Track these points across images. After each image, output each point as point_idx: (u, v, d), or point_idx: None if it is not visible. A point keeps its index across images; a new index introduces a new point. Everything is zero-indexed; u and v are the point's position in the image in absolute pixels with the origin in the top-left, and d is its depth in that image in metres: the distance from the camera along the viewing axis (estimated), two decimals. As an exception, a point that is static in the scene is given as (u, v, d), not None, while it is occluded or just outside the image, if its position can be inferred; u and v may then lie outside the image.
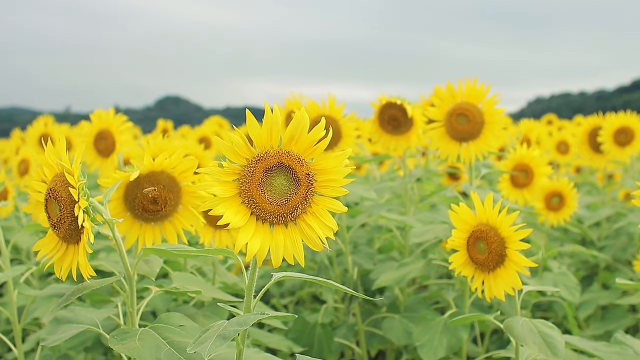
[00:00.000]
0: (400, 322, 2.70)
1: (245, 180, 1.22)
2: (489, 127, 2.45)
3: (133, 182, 1.75)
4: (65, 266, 1.48)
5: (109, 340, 1.46)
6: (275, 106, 1.20)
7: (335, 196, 1.26)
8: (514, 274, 1.81)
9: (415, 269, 2.54)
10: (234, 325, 1.26)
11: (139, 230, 1.79)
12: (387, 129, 2.94)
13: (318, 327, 2.83)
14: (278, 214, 1.23)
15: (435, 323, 2.34)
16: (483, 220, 1.85)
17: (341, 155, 1.25)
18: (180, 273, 2.19)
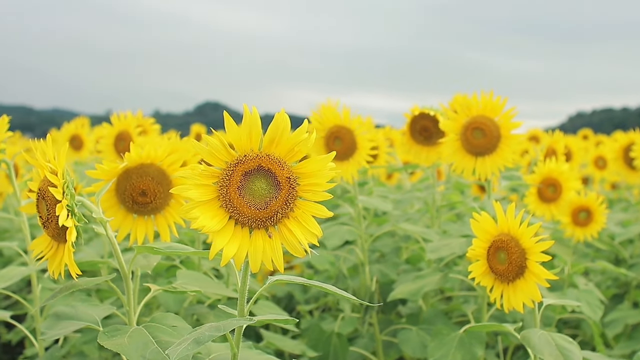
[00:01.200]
0: (417, 334, 2.64)
1: (223, 183, 1.20)
2: (505, 141, 2.38)
3: (123, 175, 1.74)
4: (55, 264, 1.48)
5: (98, 336, 1.47)
6: (254, 108, 1.17)
7: (319, 201, 1.23)
8: (534, 286, 1.76)
9: (432, 282, 2.48)
10: (212, 330, 1.24)
11: (131, 223, 1.79)
12: (419, 140, 2.91)
13: (334, 337, 2.80)
14: (257, 218, 1.21)
15: (450, 338, 2.28)
16: (504, 230, 1.81)
17: (324, 159, 1.21)
18: (186, 271, 2.20)
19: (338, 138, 2.73)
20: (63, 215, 1.37)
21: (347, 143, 2.73)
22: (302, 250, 1.23)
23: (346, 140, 2.73)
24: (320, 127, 2.75)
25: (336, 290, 1.39)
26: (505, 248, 1.78)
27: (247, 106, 1.17)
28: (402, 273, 2.98)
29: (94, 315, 1.70)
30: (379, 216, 3.55)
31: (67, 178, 1.42)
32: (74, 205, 1.42)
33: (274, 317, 1.46)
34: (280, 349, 2.57)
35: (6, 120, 2.03)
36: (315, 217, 1.24)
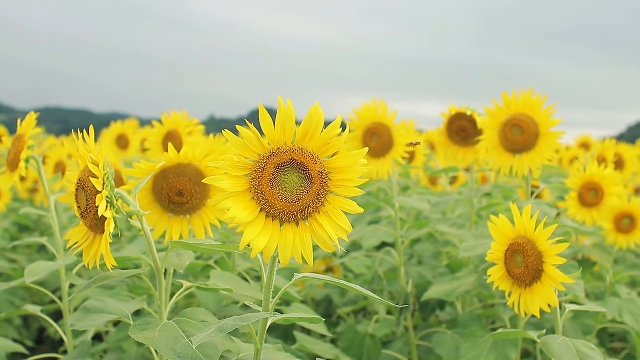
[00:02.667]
0: (452, 338, 2.62)
1: (256, 175, 1.20)
2: (544, 139, 2.35)
3: (160, 174, 1.75)
4: (91, 255, 1.50)
5: (130, 329, 1.48)
6: (289, 101, 1.17)
7: (350, 196, 1.22)
8: (551, 291, 1.72)
9: (467, 284, 2.46)
10: (236, 321, 1.25)
11: (167, 222, 1.79)
12: (456, 140, 2.89)
13: (368, 338, 2.79)
14: (288, 212, 1.20)
15: (484, 340, 2.25)
16: (521, 233, 1.78)
17: (357, 154, 1.20)
18: (220, 272, 2.21)
19: (375, 134, 2.73)
20: (103, 206, 1.39)
21: (384, 139, 2.72)
22: (332, 245, 1.22)
23: (383, 136, 2.72)
24: (359, 124, 2.75)
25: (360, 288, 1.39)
26: (521, 251, 1.75)
27: (282, 99, 1.17)
28: (438, 276, 2.95)
29: (124, 310, 1.71)
30: (420, 220, 3.52)
31: (107, 170, 1.44)
32: (113, 197, 1.44)
33: (299, 316, 1.45)
34: (313, 352, 2.56)
35: (34, 117, 2.06)
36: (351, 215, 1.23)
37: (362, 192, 1.22)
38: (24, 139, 2.06)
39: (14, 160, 2.07)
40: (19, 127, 2.08)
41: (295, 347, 2.53)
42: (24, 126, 2.06)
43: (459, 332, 2.62)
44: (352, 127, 2.76)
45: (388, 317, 2.96)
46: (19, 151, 2.05)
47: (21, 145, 2.06)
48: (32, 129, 2.06)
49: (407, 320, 2.81)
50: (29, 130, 2.06)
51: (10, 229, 4.34)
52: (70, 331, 2.31)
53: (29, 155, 2.05)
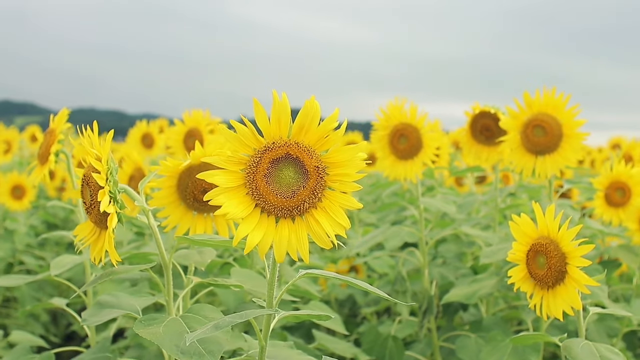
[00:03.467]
0: (476, 342, 2.57)
1: (251, 170, 1.19)
2: (567, 140, 2.29)
3: (185, 172, 1.75)
4: (96, 251, 1.51)
5: (134, 324, 1.48)
6: (284, 94, 1.16)
7: (348, 191, 1.20)
8: (574, 293, 1.67)
9: (487, 286, 2.41)
10: (234, 317, 1.24)
11: (191, 220, 1.79)
12: (480, 139, 2.84)
13: (390, 340, 2.76)
14: (284, 207, 1.19)
15: (504, 344, 2.21)
16: (544, 234, 1.72)
17: (355, 148, 1.18)
18: (240, 269, 2.20)
19: (403, 136, 2.68)
20: (105, 202, 1.39)
21: (413, 141, 2.68)
22: (329, 242, 1.20)
23: (412, 138, 2.67)
24: (385, 124, 2.71)
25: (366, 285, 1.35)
26: (544, 252, 1.70)
27: (277, 92, 1.15)
28: (460, 277, 2.92)
29: (135, 305, 1.72)
30: (444, 220, 3.48)
31: (110, 165, 1.44)
32: (116, 192, 1.44)
33: (308, 312, 1.43)
34: (331, 351, 2.55)
35: (66, 112, 2.09)
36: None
37: (360, 187, 1.19)
38: (54, 134, 2.09)
39: (45, 154, 2.12)
40: (51, 122, 2.12)
41: (314, 346, 2.52)
42: (56, 121, 2.10)
43: (482, 336, 2.57)
44: (378, 127, 2.72)
45: (411, 318, 2.93)
46: (50, 145, 2.09)
47: (52, 139, 2.09)
48: (63, 124, 2.10)
49: (429, 321, 2.77)
50: (60, 125, 2.09)
51: (38, 226, 4.41)
52: (93, 327, 2.34)
53: (58, 149, 2.09)
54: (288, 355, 1.65)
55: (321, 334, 2.63)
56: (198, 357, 1.37)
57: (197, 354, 1.38)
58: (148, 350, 2.52)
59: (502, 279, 2.41)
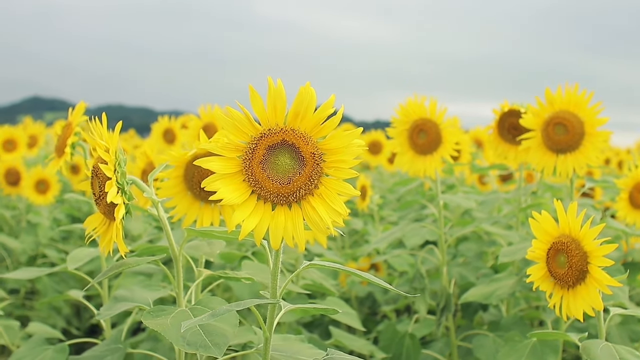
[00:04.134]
0: (494, 341, 2.53)
1: (247, 157, 1.18)
2: (589, 138, 2.24)
3: (191, 162, 1.75)
4: (105, 242, 1.52)
5: (142, 316, 1.48)
6: (279, 81, 1.15)
7: (345, 178, 1.19)
8: (595, 293, 1.63)
9: (506, 286, 2.37)
10: (232, 306, 1.24)
11: (198, 210, 1.79)
12: (507, 138, 2.80)
13: (407, 338, 2.73)
14: (280, 194, 1.18)
15: (522, 345, 2.17)
16: (565, 232, 1.69)
17: (351, 134, 1.17)
18: (253, 262, 2.21)
19: (422, 131, 2.66)
20: (112, 192, 1.39)
21: (432, 136, 2.65)
22: (326, 229, 1.19)
23: (431, 133, 2.65)
24: (404, 119, 2.69)
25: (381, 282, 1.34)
26: (565, 250, 1.66)
27: (272, 79, 1.15)
28: (481, 277, 2.87)
29: (147, 298, 1.74)
30: (465, 219, 3.44)
31: (119, 156, 1.45)
32: (124, 183, 1.44)
33: (314, 306, 1.42)
34: (348, 347, 2.53)
35: (83, 105, 2.11)
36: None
37: (357, 174, 1.18)
38: (71, 126, 2.12)
39: (61, 146, 2.14)
40: (69, 115, 2.14)
41: (330, 342, 2.51)
42: (73, 114, 2.12)
43: (500, 335, 2.54)
44: (397, 123, 2.70)
45: (429, 316, 2.90)
46: (66, 137, 2.11)
47: (68, 132, 2.12)
48: (80, 117, 2.12)
49: (447, 320, 2.74)
50: (77, 118, 2.12)
51: (62, 220, 4.47)
52: (109, 320, 2.35)
53: (75, 142, 2.11)
54: (298, 349, 1.63)
55: (338, 331, 2.62)
56: (204, 349, 1.38)
57: (203, 346, 1.39)
58: (162, 343, 2.54)
59: (521, 278, 2.36)
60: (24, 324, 2.63)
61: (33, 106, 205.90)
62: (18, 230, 4.21)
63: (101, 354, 1.89)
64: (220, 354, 1.36)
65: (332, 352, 1.42)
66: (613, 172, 4.98)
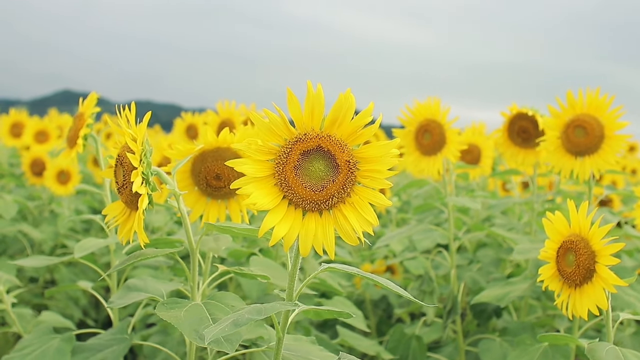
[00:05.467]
0: (500, 345, 2.52)
1: (280, 161, 1.17)
2: (608, 142, 2.24)
3: (199, 157, 1.74)
4: (125, 231, 1.51)
5: (157, 307, 1.48)
6: (319, 86, 1.13)
7: (378, 188, 1.17)
8: (601, 292, 1.63)
9: (520, 289, 2.36)
10: (252, 314, 1.22)
11: (204, 205, 1.78)
12: (516, 141, 2.80)
13: (414, 340, 2.72)
14: (312, 201, 1.17)
15: (533, 349, 2.16)
16: (576, 231, 1.70)
17: (388, 145, 1.15)
18: (261, 259, 2.21)
19: (427, 131, 2.65)
20: (137, 182, 1.38)
21: (436, 137, 2.64)
22: (356, 238, 1.17)
23: (435, 133, 2.64)
24: (412, 121, 2.69)
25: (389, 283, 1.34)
26: (574, 249, 1.67)
27: (311, 83, 1.13)
28: (492, 281, 2.86)
29: (160, 289, 1.73)
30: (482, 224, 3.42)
31: (145, 146, 1.44)
32: (149, 173, 1.43)
33: (327, 308, 1.42)
34: (354, 347, 2.53)
35: (95, 96, 2.10)
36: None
37: (391, 184, 1.16)
38: (83, 117, 2.10)
39: (73, 137, 2.12)
40: (80, 106, 2.13)
41: (337, 342, 2.51)
42: (85, 105, 2.11)
43: (507, 340, 2.53)
44: (405, 124, 2.70)
45: (437, 319, 2.90)
46: (79, 128, 2.10)
47: (80, 123, 2.10)
48: (92, 108, 2.10)
49: (454, 322, 2.73)
50: (89, 109, 2.10)
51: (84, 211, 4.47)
52: (117, 310, 2.35)
53: (86, 133, 2.10)
54: (309, 350, 1.63)
55: (345, 331, 2.61)
56: (216, 344, 1.37)
57: (216, 341, 1.37)
58: (172, 336, 2.54)
59: (535, 282, 2.36)
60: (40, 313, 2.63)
61: (64, 100, 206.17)
62: (40, 220, 4.22)
63: (107, 343, 1.88)
64: (232, 350, 1.36)
65: (344, 356, 1.42)
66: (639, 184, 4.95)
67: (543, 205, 2.96)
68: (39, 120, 4.98)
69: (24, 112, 5.00)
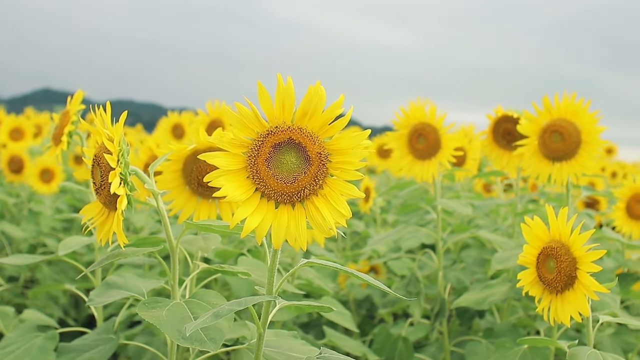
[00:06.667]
0: (487, 348, 2.54)
1: (252, 154, 1.18)
2: (585, 147, 2.24)
3: (191, 156, 1.75)
4: (104, 232, 1.51)
5: (138, 306, 1.48)
6: (289, 79, 1.14)
7: (350, 180, 1.18)
8: (583, 299, 1.64)
9: (499, 292, 2.38)
10: (232, 305, 1.23)
11: (195, 205, 1.79)
12: (501, 144, 2.81)
13: (400, 341, 2.74)
14: (284, 193, 1.18)
15: (513, 352, 2.17)
16: (556, 237, 1.70)
17: (359, 136, 1.16)
18: (249, 259, 2.21)
19: (422, 136, 2.66)
20: (115, 183, 1.38)
21: (431, 141, 2.65)
22: (329, 230, 1.18)
23: (430, 138, 2.65)
24: (405, 124, 2.69)
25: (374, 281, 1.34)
26: (554, 256, 1.67)
27: (282, 76, 1.14)
28: (475, 282, 2.88)
29: (141, 287, 1.73)
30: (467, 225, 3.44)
31: (122, 147, 1.44)
32: (127, 173, 1.43)
33: (308, 303, 1.43)
34: (341, 348, 2.54)
35: (82, 94, 2.11)
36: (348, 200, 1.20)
37: (362, 176, 1.17)
38: (69, 115, 2.11)
39: (58, 135, 2.13)
40: (68, 103, 2.14)
41: (323, 342, 2.52)
42: (71, 103, 2.12)
43: (492, 342, 2.54)
44: (398, 126, 2.70)
45: (423, 320, 2.91)
46: (64, 126, 2.11)
47: (66, 120, 2.11)
48: (78, 106, 2.11)
49: (441, 324, 2.75)
50: (74, 106, 2.11)
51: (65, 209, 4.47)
52: (101, 309, 2.35)
53: (71, 130, 2.10)
54: (291, 345, 1.64)
55: (331, 331, 2.62)
56: (199, 343, 1.37)
57: (199, 340, 1.38)
58: (157, 337, 2.53)
59: (514, 285, 2.37)
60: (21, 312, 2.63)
61: (44, 98, 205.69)
62: (20, 218, 4.21)
63: (92, 343, 1.87)
64: (216, 349, 1.36)
65: (326, 350, 1.43)
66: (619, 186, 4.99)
67: (525, 207, 2.98)
68: (14, 117, 4.97)
69: (0, 110, 5.01)
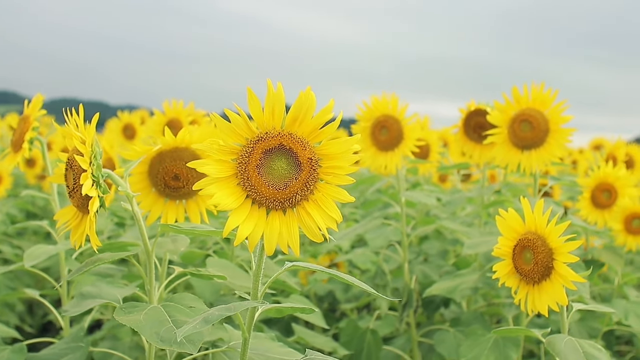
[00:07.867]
0: (454, 336, 2.58)
1: (243, 160, 1.16)
2: (553, 135, 2.30)
3: (156, 158, 1.71)
4: (77, 235, 1.48)
5: (115, 311, 1.46)
6: (279, 84, 1.13)
7: (341, 184, 1.18)
8: (560, 289, 1.66)
9: (470, 281, 2.42)
10: (222, 311, 1.22)
11: (162, 207, 1.75)
12: (472, 137, 2.85)
13: (368, 334, 2.75)
14: (275, 199, 1.16)
15: (485, 339, 2.21)
16: (531, 229, 1.72)
17: (349, 141, 1.15)
18: (217, 260, 2.19)
19: (384, 127, 2.67)
20: (87, 185, 1.36)
21: (394, 133, 2.67)
22: (320, 235, 1.18)
23: (393, 129, 2.66)
24: (367, 116, 2.70)
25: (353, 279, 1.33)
26: (531, 247, 1.70)
27: (271, 81, 1.12)
28: (444, 275, 2.91)
29: (116, 295, 1.71)
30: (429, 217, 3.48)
31: (95, 149, 1.42)
32: (99, 175, 1.41)
33: (292, 305, 1.42)
34: (310, 344, 2.54)
35: (41, 98, 2.04)
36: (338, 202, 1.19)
37: (353, 180, 1.17)
38: (29, 120, 2.04)
39: (18, 141, 2.06)
40: (25, 108, 2.06)
41: (293, 339, 2.51)
42: (30, 107, 2.05)
43: (461, 330, 2.58)
44: (361, 119, 2.71)
45: (390, 312, 2.93)
46: (24, 132, 2.03)
47: (26, 126, 2.04)
48: (38, 111, 2.04)
49: (409, 316, 2.77)
50: (34, 111, 2.04)
51: (17, 215, 4.33)
52: (68, 317, 2.29)
53: (33, 137, 2.03)
54: (269, 347, 1.63)
55: (300, 328, 2.62)
56: (178, 346, 1.37)
57: (177, 342, 1.37)
58: (122, 341, 2.50)
59: (484, 274, 2.41)
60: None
61: None
62: (-32, 225, 4.06)
63: (61, 352, 1.83)
64: (195, 350, 1.36)
65: (311, 353, 1.42)
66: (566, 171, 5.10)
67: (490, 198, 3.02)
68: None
69: None
